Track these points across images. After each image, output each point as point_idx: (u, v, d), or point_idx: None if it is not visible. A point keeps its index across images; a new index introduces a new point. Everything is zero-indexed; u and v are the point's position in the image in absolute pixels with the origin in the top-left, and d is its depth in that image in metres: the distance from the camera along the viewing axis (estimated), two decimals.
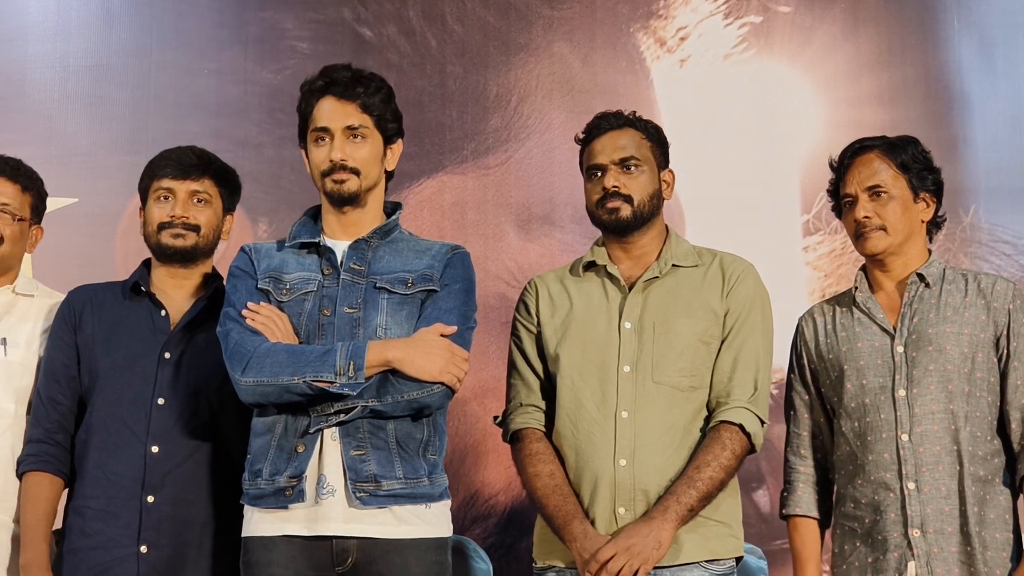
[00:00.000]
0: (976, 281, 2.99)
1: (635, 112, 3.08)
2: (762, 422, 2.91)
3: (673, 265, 2.99)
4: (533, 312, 3.08)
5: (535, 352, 3.05)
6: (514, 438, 3.02)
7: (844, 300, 3.09)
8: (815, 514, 3.06)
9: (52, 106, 4.58)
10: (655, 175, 3.02)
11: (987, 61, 4.44)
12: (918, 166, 3.01)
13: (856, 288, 3.04)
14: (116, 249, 4.40)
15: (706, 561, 2.85)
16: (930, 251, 3.04)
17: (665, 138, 3.09)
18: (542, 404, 3.02)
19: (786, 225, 4.39)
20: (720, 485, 2.84)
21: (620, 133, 3.02)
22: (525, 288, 3.14)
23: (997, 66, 4.41)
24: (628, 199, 2.95)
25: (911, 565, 2.83)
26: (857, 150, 3.04)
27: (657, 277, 2.97)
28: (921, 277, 2.96)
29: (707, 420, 2.92)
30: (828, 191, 3.12)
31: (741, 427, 2.86)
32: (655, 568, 2.80)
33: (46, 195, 3.27)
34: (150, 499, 2.93)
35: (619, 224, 2.96)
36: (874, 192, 2.98)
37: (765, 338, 2.97)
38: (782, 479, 3.35)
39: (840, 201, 3.07)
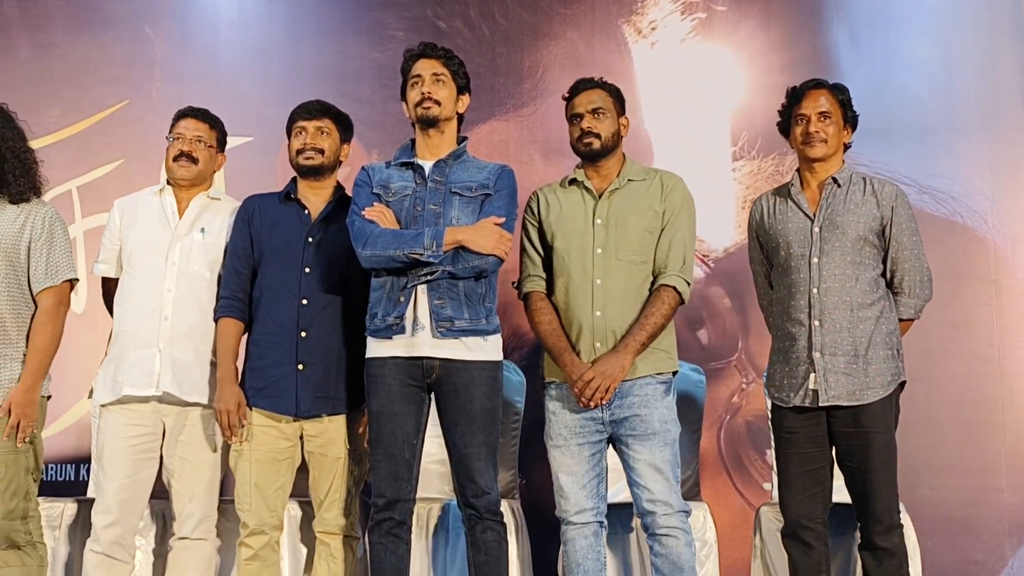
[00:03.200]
0: (871, 184, 3.24)
1: (602, 77, 3.30)
2: (688, 283, 3.18)
3: (628, 180, 3.24)
4: (536, 213, 3.32)
5: (538, 239, 3.31)
6: (525, 297, 3.31)
7: (783, 192, 3.32)
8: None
9: (236, 76, 5.25)
10: (615, 120, 3.25)
11: (854, 43, 4.99)
12: (848, 105, 3.30)
13: (792, 185, 3.30)
14: (278, 171, 4.95)
15: (654, 374, 3.17)
16: (844, 161, 3.31)
17: (622, 96, 3.32)
18: (543, 275, 3.29)
19: (721, 154, 4.97)
20: (661, 327, 3.14)
21: (592, 91, 3.25)
22: (530, 197, 3.36)
23: (861, 46, 4.98)
24: (598, 136, 3.21)
25: (812, 376, 3.16)
26: (813, 85, 3.28)
27: (618, 188, 3.23)
28: (835, 180, 3.24)
29: (653, 284, 3.21)
30: (779, 111, 3.33)
31: (674, 288, 3.16)
32: (621, 383, 3.11)
33: (226, 132, 3.63)
34: (303, 334, 3.22)
35: (592, 153, 3.23)
36: (822, 115, 3.23)
37: (690, 227, 3.23)
38: (717, 323, 4.45)
39: (792, 119, 3.27)
